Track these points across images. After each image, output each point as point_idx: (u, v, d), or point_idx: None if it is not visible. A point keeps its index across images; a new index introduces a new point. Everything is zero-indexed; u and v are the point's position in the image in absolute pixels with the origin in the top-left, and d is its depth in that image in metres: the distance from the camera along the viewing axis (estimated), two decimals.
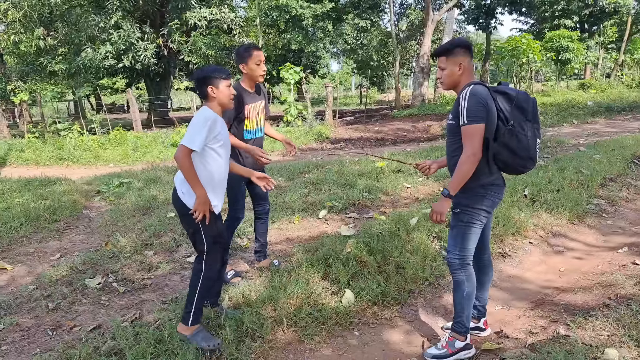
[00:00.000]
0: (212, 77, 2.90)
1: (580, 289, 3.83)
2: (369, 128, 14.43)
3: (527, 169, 2.70)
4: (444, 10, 17.55)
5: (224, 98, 2.92)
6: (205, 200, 2.78)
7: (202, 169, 2.84)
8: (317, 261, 3.93)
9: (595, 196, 6.11)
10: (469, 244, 2.80)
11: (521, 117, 2.60)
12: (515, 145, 2.57)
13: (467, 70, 2.69)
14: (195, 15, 16.26)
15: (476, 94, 2.54)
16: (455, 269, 2.84)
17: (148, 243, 4.93)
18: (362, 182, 6.58)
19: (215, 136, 2.83)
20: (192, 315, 2.87)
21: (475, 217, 2.74)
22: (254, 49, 3.56)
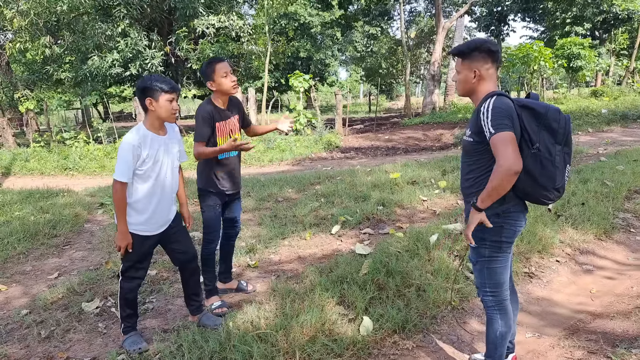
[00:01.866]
0: (151, 88, 2.72)
1: (616, 314, 3.53)
2: (379, 137, 14.15)
3: (551, 201, 2.33)
4: (455, 17, 17.31)
5: (163, 113, 2.78)
6: (125, 237, 2.85)
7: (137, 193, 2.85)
8: (331, 284, 3.65)
9: (621, 210, 5.79)
10: (498, 279, 2.47)
11: (550, 139, 2.22)
12: (538, 173, 2.22)
13: (484, 78, 2.34)
14: (203, 22, 16.10)
15: (500, 106, 2.20)
16: (489, 306, 2.53)
17: (151, 261, 4.65)
18: (376, 194, 6.29)
19: (144, 159, 2.77)
20: (122, 325, 3.10)
21: (496, 250, 2.41)
22: (216, 63, 3.35)
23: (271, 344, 2.94)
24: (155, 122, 2.85)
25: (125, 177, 2.75)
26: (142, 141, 2.78)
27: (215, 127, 3.41)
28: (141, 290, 4.01)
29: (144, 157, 2.78)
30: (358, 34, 22.91)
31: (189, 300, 3.33)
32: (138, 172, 2.81)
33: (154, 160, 2.83)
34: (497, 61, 2.37)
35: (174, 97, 2.79)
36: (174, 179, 3.05)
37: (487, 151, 2.28)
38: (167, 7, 17.02)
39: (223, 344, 2.92)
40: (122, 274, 3.05)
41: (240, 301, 3.73)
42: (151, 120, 2.84)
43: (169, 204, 3.04)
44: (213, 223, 3.56)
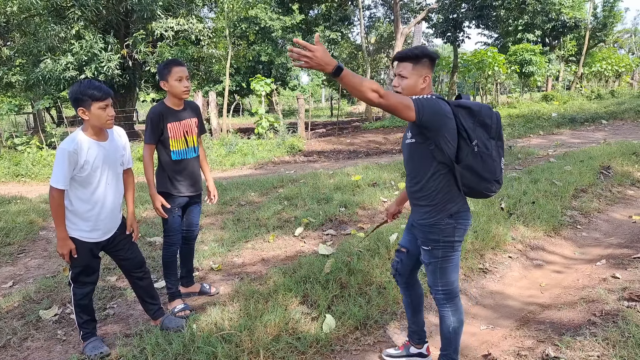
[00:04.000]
0: (81, 98, 2.70)
1: (564, 305, 3.74)
2: (342, 140, 14.32)
3: (493, 193, 2.46)
4: (413, 23, 17.73)
5: (97, 121, 2.75)
6: (65, 244, 2.83)
7: (77, 200, 2.84)
8: (294, 284, 3.71)
9: (568, 208, 6.12)
10: (450, 277, 2.55)
11: (485, 134, 2.35)
12: (480, 168, 2.33)
13: (429, 84, 2.45)
14: (161, 25, 15.86)
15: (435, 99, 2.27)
16: (441, 303, 2.61)
17: (110, 267, 4.59)
18: (339, 196, 6.40)
19: (82, 166, 2.74)
20: (80, 332, 3.07)
21: (449, 251, 2.49)
22: (173, 65, 3.37)
23: (235, 344, 2.98)
24: (92, 130, 2.80)
25: (61, 184, 2.70)
26: (78, 148, 2.72)
27: (167, 127, 3.39)
28: (102, 296, 3.96)
29: (82, 163, 2.73)
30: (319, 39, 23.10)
31: (145, 304, 3.30)
32: (77, 178, 2.77)
33: (92, 167, 2.77)
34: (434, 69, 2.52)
35: (107, 103, 2.74)
36: (117, 186, 3.00)
37: (430, 152, 2.35)
38: (123, 10, 16.67)
39: (187, 346, 2.93)
40: (73, 280, 3.00)
41: (204, 304, 3.74)
42: (88, 128, 2.79)
43: (114, 211, 2.99)
44: (172, 226, 3.54)
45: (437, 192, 2.41)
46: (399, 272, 2.87)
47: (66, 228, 2.84)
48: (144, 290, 3.26)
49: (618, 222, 5.82)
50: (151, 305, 3.30)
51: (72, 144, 2.72)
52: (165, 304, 3.64)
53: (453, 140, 2.30)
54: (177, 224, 3.56)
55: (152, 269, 4.50)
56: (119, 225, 3.09)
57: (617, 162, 7.96)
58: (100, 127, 2.80)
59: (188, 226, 3.75)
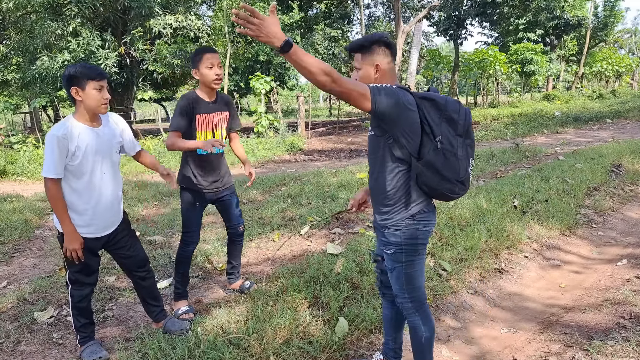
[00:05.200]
0: (76, 76, 2.52)
1: (588, 308, 3.55)
2: (342, 139, 14.13)
3: (457, 195, 2.21)
4: (415, 21, 17.53)
5: (92, 102, 2.56)
6: (74, 237, 2.63)
7: (70, 192, 2.64)
8: (304, 285, 3.51)
9: (582, 206, 5.94)
10: (416, 282, 2.31)
11: (451, 131, 2.13)
12: (441, 165, 2.10)
13: (385, 73, 2.20)
14: (159, 22, 15.64)
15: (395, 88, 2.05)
16: (410, 312, 2.36)
17: (109, 267, 4.39)
18: (344, 194, 6.20)
19: (74, 153, 2.53)
20: (78, 335, 2.87)
21: (412, 254, 2.26)
22: (205, 52, 3.18)
23: (243, 349, 2.78)
24: (85, 114, 2.61)
25: (53, 173, 2.51)
26: (68, 133, 2.53)
27: (195, 118, 3.20)
28: (100, 297, 3.75)
29: (72, 150, 2.53)
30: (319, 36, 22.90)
31: (147, 306, 3.10)
32: (69, 167, 2.57)
33: (84, 154, 2.57)
34: (395, 56, 2.26)
35: (103, 84, 2.57)
36: (115, 176, 2.80)
37: (388, 146, 2.15)
38: (121, 7, 16.45)
39: (192, 351, 2.72)
40: (71, 281, 2.81)
41: (209, 305, 3.53)
42: (80, 111, 2.61)
43: (113, 203, 2.78)
44: (189, 222, 3.36)
45: (397, 190, 2.19)
46: (385, 285, 2.59)
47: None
48: (147, 290, 3.06)
49: (634, 221, 5.64)
50: (153, 307, 3.10)
51: (61, 128, 2.53)
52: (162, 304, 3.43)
53: (414, 135, 2.09)
54: (194, 219, 3.37)
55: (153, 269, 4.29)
56: (121, 221, 2.89)
57: (627, 161, 7.79)
58: (93, 110, 2.60)
59: (230, 222, 3.56)
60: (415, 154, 2.11)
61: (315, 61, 1.84)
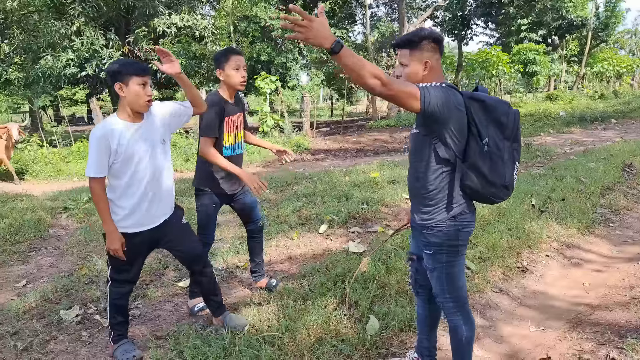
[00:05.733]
0: (120, 71, 2.49)
1: (615, 306, 3.54)
2: (348, 139, 14.12)
3: (499, 199, 2.18)
4: (419, 21, 17.56)
5: (134, 99, 2.53)
6: (115, 237, 2.60)
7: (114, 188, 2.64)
8: (332, 283, 3.49)
9: (598, 205, 5.92)
10: (457, 282, 2.28)
11: (499, 134, 2.08)
12: (487, 169, 2.06)
13: (434, 70, 2.14)
14: (163, 22, 15.61)
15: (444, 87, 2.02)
16: (450, 312, 2.33)
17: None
18: (358, 193, 6.18)
19: (116, 150, 2.52)
20: (112, 333, 2.84)
21: (453, 255, 2.23)
22: (232, 53, 3.15)
23: (278, 347, 2.76)
24: (129, 110, 2.59)
25: (94, 172, 2.50)
26: (108, 132, 2.51)
27: (224, 121, 3.17)
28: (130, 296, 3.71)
29: (115, 148, 2.51)
30: None
31: (206, 300, 3.09)
32: (114, 165, 2.56)
33: (126, 151, 2.55)
34: (442, 52, 2.23)
35: (147, 80, 2.55)
36: (162, 168, 2.74)
37: (434, 146, 2.09)
38: (124, 6, 16.41)
39: (228, 349, 2.71)
40: (112, 278, 2.79)
41: (236, 303, 3.51)
42: (124, 109, 2.59)
43: (160, 196, 2.74)
44: (205, 224, 3.33)
45: (439, 191, 2.15)
46: (419, 284, 2.55)
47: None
48: (205, 285, 3.02)
49: None
50: (212, 302, 3.06)
51: (102, 128, 2.53)
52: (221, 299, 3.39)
53: (461, 135, 2.05)
54: (210, 221, 3.35)
55: (176, 268, 4.27)
56: (172, 214, 2.85)
57: (638, 160, 7.79)
58: (137, 107, 2.57)
59: (249, 218, 3.54)
60: (461, 155, 2.08)
61: (366, 63, 1.80)
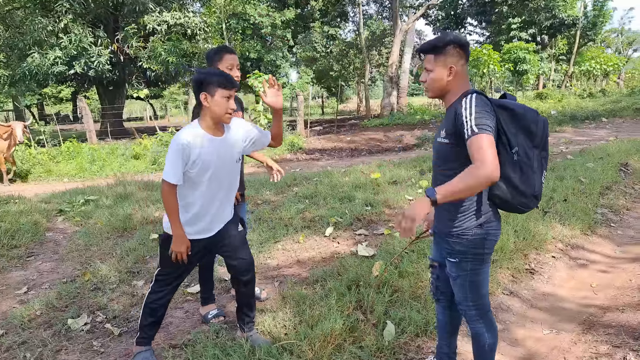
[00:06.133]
0: (207, 81, 2.47)
1: (626, 307, 3.56)
2: (342, 138, 14.09)
3: (528, 209, 2.16)
4: (413, 19, 17.57)
5: (218, 111, 2.50)
6: (182, 241, 2.59)
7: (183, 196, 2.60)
8: (346, 288, 3.45)
9: (598, 205, 5.97)
10: (481, 290, 2.26)
11: (528, 142, 2.06)
12: (517, 179, 2.04)
13: (460, 75, 2.12)
14: (154, 19, 15.42)
15: (484, 105, 1.99)
16: (473, 320, 2.31)
17: (134, 271, 4.28)
18: (360, 194, 6.15)
19: (194, 161, 2.49)
20: (138, 333, 2.79)
21: (479, 263, 2.20)
22: (225, 52, 3.11)
23: (297, 356, 2.72)
24: (210, 121, 2.55)
25: (173, 178, 2.46)
26: (192, 141, 2.48)
27: None
28: (132, 303, 3.64)
29: (194, 159, 2.48)
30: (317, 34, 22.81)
31: (240, 313, 3.00)
32: (188, 174, 2.53)
33: (203, 163, 2.52)
34: (469, 57, 2.21)
35: (232, 94, 2.51)
36: (231, 180, 2.74)
37: (464, 156, 2.04)
38: (113, 2, 16.18)
39: (247, 358, 2.66)
40: (156, 280, 2.75)
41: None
42: (205, 119, 2.55)
43: (223, 206, 2.73)
44: None
45: (467, 200, 2.14)
46: (440, 290, 2.51)
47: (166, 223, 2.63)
48: (245, 297, 2.94)
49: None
50: (244, 316, 2.98)
51: (186, 136, 2.49)
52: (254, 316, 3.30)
53: None
54: None
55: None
56: (227, 222, 2.80)
57: (634, 159, 7.88)
58: (218, 119, 2.53)
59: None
60: None
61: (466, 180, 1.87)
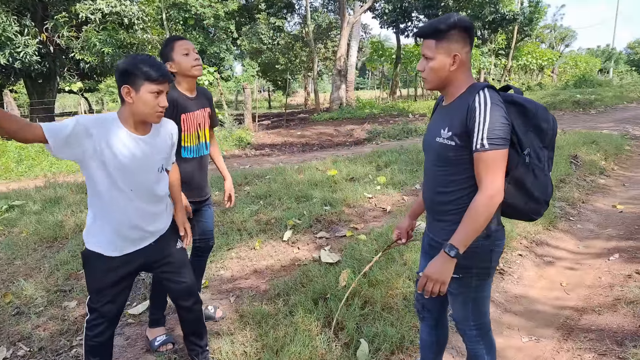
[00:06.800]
0: (131, 71, 1.97)
1: (601, 308, 3.44)
2: (291, 132, 13.69)
3: (539, 216, 1.97)
4: (360, 12, 17.38)
5: (144, 110, 2.01)
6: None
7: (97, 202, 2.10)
8: (312, 303, 3.10)
9: (556, 199, 5.95)
10: (483, 308, 2.04)
11: (538, 142, 1.86)
12: (531, 184, 1.84)
13: (464, 65, 1.84)
14: (87, 7, 14.31)
15: (501, 111, 1.73)
16: (473, 341, 2.07)
17: (65, 289, 3.73)
18: (318, 193, 5.81)
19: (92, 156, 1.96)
20: None
21: (484, 278, 1.97)
22: (175, 40, 2.75)
23: None
24: (130, 119, 2.05)
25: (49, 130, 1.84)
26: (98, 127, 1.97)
27: (181, 119, 2.70)
28: (63, 330, 3.11)
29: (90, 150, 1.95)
30: (263, 25, 22.16)
31: (188, 342, 2.55)
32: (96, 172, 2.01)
33: (118, 165, 2.03)
34: (472, 44, 1.89)
35: (163, 89, 2.02)
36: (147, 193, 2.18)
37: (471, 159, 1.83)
38: None
39: None
40: (90, 308, 2.21)
41: None
42: (125, 115, 2.05)
43: (146, 220, 2.20)
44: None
45: None
46: (426, 308, 2.25)
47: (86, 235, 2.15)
48: (190, 324, 2.49)
49: (605, 213, 5.72)
50: (194, 345, 2.53)
51: (93, 118, 1.98)
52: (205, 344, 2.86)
53: None
54: None
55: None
56: (166, 232, 2.30)
57: (582, 152, 8.01)
58: (144, 118, 2.05)
59: (201, 234, 3.05)
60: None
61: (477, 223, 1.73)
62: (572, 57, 39.75)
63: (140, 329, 3.12)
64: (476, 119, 1.72)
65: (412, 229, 2.35)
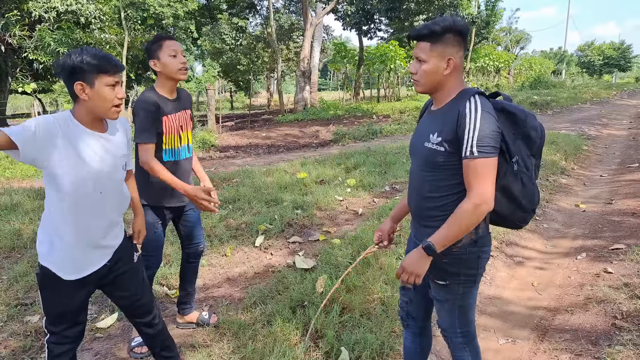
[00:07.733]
0: (82, 69, 1.83)
1: (573, 308, 3.51)
2: (256, 134, 13.50)
3: (525, 224, 1.98)
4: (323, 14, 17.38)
5: (102, 104, 1.88)
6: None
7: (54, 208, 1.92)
8: (290, 311, 3.01)
9: None
10: (469, 315, 2.03)
11: (526, 150, 1.85)
12: (518, 192, 1.82)
13: (457, 70, 1.82)
14: (40, 5, 13.70)
15: (492, 120, 1.71)
16: (458, 348, 2.07)
17: (26, 302, 3.50)
18: (287, 196, 5.72)
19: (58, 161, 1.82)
20: None
21: (470, 285, 1.95)
22: (164, 39, 2.67)
23: None
24: (87, 117, 1.91)
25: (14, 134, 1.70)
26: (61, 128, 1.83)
27: (162, 121, 2.59)
28: (26, 347, 2.91)
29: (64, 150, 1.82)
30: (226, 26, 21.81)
31: (159, 358, 2.39)
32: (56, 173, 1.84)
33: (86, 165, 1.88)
34: (466, 48, 1.89)
35: (118, 79, 1.89)
36: (115, 197, 2.05)
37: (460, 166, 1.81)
38: None
39: None
40: (48, 331, 2.04)
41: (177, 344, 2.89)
42: (82, 113, 1.90)
43: (105, 233, 2.04)
44: (150, 244, 2.74)
45: None
46: (411, 316, 2.23)
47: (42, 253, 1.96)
48: (156, 340, 2.33)
49: (569, 212, 5.87)
50: (168, 358, 2.38)
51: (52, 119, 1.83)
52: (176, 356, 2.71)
53: None
54: (156, 241, 2.78)
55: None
56: (116, 251, 2.12)
57: (543, 152, 8.22)
58: (103, 114, 1.91)
59: (190, 240, 2.99)
60: None
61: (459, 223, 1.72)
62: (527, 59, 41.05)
63: (109, 342, 2.95)
64: (466, 126, 1.69)
65: (394, 232, 2.32)
